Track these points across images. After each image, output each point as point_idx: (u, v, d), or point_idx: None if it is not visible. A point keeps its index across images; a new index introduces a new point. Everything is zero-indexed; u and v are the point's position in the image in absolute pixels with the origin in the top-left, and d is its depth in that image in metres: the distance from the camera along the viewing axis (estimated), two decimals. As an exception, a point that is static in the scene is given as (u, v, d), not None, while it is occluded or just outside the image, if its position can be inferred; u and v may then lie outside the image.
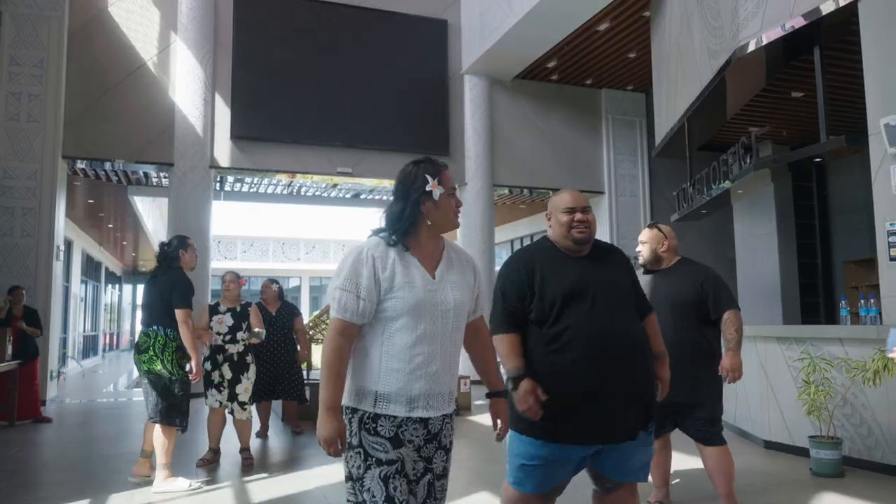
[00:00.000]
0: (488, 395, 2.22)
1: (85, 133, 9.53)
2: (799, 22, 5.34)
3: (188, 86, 9.97)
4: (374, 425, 1.94)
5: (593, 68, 11.68)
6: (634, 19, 9.76)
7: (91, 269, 19.20)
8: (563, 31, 9.96)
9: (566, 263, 2.47)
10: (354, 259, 1.99)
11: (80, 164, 9.98)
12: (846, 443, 4.87)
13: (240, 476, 4.83)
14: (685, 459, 4.70)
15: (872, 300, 4.90)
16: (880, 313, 4.79)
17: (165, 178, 10.71)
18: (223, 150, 10.25)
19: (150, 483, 4.40)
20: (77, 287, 16.54)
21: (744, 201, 9.45)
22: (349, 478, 1.96)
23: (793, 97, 7.35)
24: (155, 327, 4.32)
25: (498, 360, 2.33)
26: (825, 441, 4.62)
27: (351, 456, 1.96)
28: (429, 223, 2.03)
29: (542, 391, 2.32)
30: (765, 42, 5.69)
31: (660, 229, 3.82)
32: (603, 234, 12.40)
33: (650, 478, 3.73)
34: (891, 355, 3.25)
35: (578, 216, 2.48)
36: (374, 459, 1.92)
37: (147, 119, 9.85)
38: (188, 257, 4.49)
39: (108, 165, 10.13)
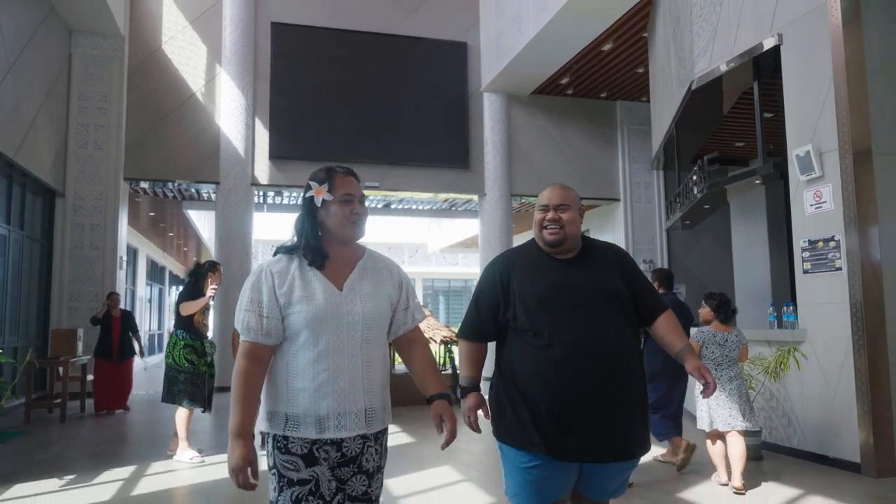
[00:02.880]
0: (428, 400, 2.09)
1: (143, 157, 10.87)
2: (738, 60, 6.04)
3: (232, 112, 11.19)
4: (285, 443, 1.89)
5: (606, 83, 12.36)
6: (635, 40, 10.43)
7: (155, 273, 20.95)
8: (569, 52, 10.71)
9: (547, 267, 2.25)
10: (255, 278, 1.94)
11: (142, 184, 11.37)
12: (771, 431, 5.59)
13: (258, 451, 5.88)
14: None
15: (792, 307, 5.58)
16: (797, 318, 5.47)
17: (214, 193, 11.98)
18: (262, 169, 11.45)
19: (184, 455, 5.53)
20: (143, 290, 18.19)
21: (737, 209, 10.03)
22: (270, 499, 1.93)
23: (765, 117, 7.96)
24: (172, 329, 5.48)
25: (456, 364, 2.32)
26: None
27: (270, 477, 1.92)
28: (326, 232, 1.99)
29: (514, 402, 2.17)
30: (713, 77, 6.40)
31: None
32: (618, 240, 13.08)
33: None
34: None
35: (550, 215, 2.25)
36: (286, 480, 1.87)
37: (196, 143, 11.13)
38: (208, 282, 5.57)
39: (167, 185, 11.50)
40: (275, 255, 2.00)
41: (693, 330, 4.53)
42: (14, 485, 4.73)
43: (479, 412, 2.29)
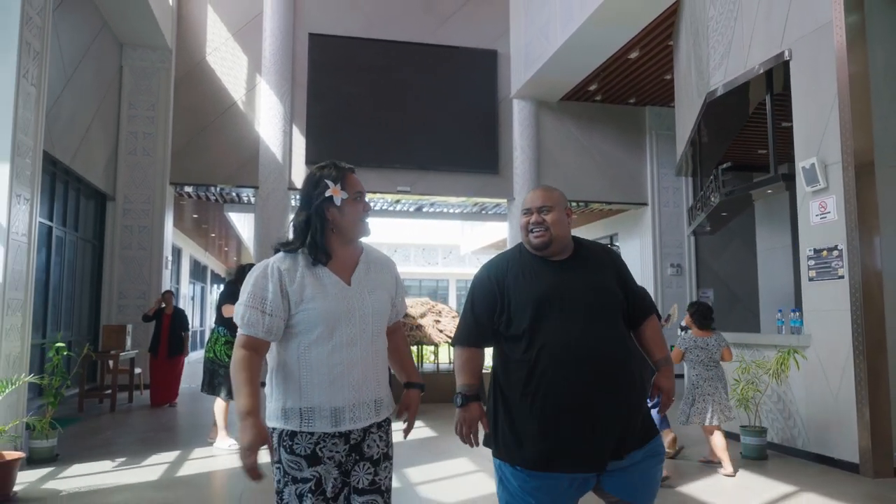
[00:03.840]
0: (405, 386, 2.19)
1: (188, 163, 11.48)
2: (751, 74, 6.25)
3: (270, 120, 11.71)
4: (290, 443, 1.91)
5: (634, 89, 12.54)
6: (661, 48, 10.61)
7: (198, 272, 21.74)
8: (596, 60, 10.94)
9: (540, 270, 2.21)
10: (259, 274, 1.92)
11: (186, 188, 12.00)
12: (777, 432, 5.80)
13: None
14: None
15: (798, 313, 5.77)
16: (802, 324, 5.67)
17: (254, 197, 12.53)
18: (299, 174, 11.94)
19: (222, 442, 6.00)
20: (186, 288, 18.95)
21: (762, 215, 10.13)
22: (276, 489, 1.96)
23: (783, 126, 8.11)
24: (214, 326, 5.93)
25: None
26: (752, 429, 5.57)
27: (275, 469, 1.95)
28: (337, 230, 1.98)
29: (507, 415, 2.14)
30: (728, 89, 6.61)
31: None
32: (646, 244, 13.26)
33: None
34: None
35: (534, 218, 2.24)
36: (290, 477, 1.90)
37: (237, 149, 11.69)
38: None
39: (210, 189, 12.12)
40: (275, 252, 2.00)
41: (679, 337, 5.15)
42: (72, 465, 5.25)
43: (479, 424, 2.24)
